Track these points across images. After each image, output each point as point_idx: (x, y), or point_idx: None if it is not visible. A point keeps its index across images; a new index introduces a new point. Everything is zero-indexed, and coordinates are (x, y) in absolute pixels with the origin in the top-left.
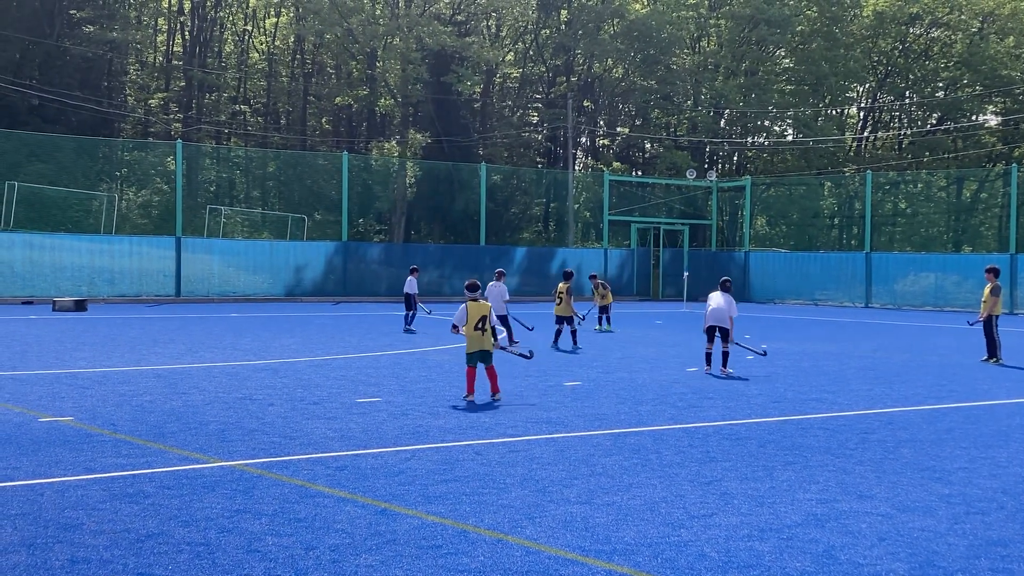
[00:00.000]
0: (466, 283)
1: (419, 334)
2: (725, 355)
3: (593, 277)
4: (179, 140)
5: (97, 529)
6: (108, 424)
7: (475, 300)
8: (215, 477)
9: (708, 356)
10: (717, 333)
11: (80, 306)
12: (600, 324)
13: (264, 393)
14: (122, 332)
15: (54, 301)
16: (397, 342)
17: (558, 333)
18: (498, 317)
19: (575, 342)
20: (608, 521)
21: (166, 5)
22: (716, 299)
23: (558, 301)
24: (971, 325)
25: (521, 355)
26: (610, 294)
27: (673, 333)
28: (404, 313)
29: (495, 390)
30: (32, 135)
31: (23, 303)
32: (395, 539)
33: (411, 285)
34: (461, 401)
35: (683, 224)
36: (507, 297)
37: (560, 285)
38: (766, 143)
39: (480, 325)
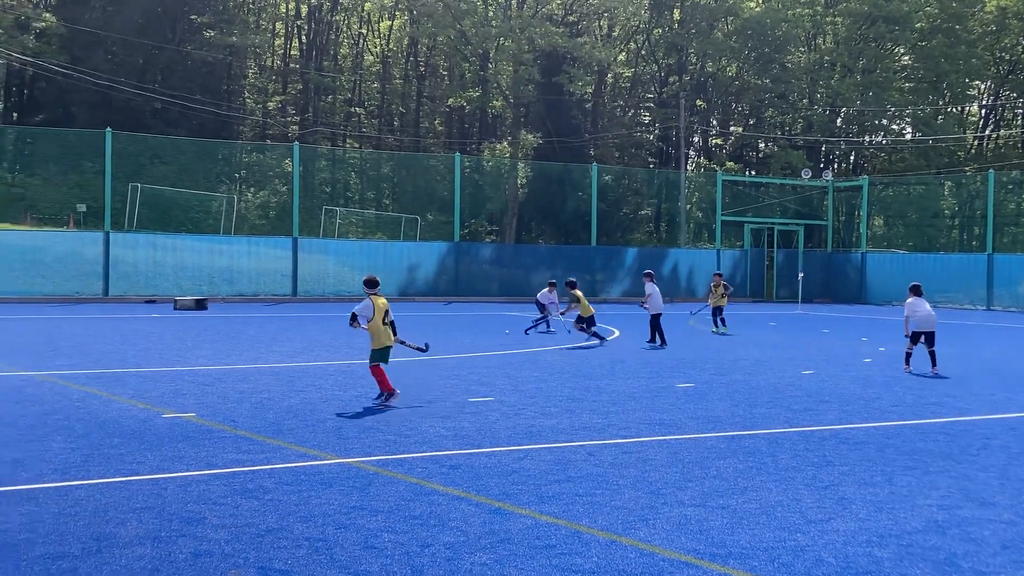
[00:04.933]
0: (364, 278)
1: (531, 336)
2: (934, 355)
3: (719, 276)
4: (296, 142)
5: (219, 523)
6: (228, 420)
7: (376, 295)
8: (332, 474)
9: (908, 356)
10: (923, 338)
11: (200, 305)
12: (716, 326)
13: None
14: (241, 330)
15: (176, 300)
16: (509, 342)
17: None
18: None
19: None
20: (723, 524)
21: (284, 10)
22: (923, 304)
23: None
24: None
25: (417, 348)
26: (726, 296)
27: (787, 335)
28: (538, 317)
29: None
30: (155, 138)
31: (146, 301)
32: (509, 538)
33: (545, 296)
34: (569, 402)
35: (798, 224)
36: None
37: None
38: (884, 142)
39: (386, 319)
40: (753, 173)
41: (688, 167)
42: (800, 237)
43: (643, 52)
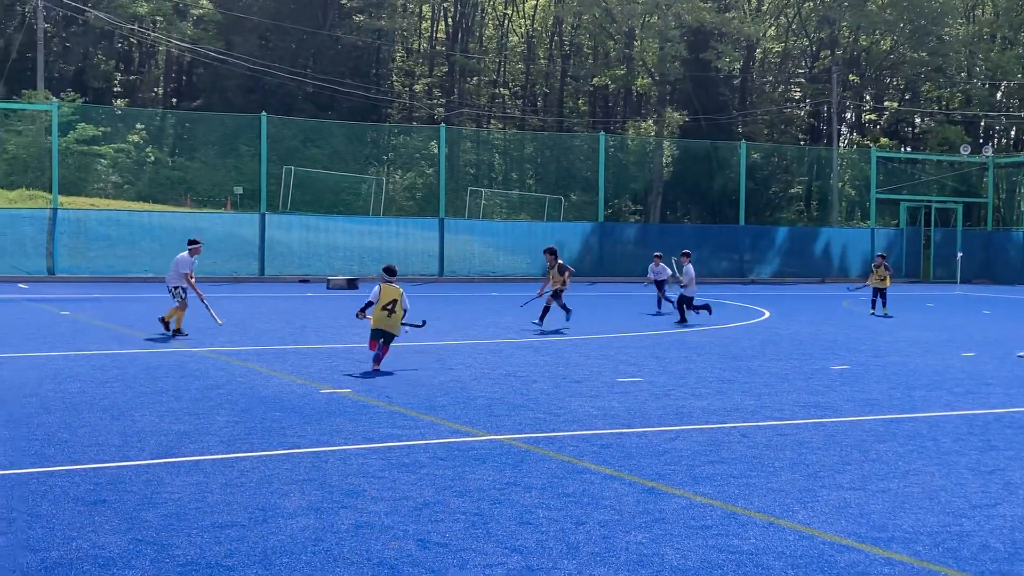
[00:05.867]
0: (384, 267)
1: (673, 315)
2: None
3: (882, 257)
4: (442, 124)
5: (378, 496)
6: (383, 396)
7: (389, 283)
8: (485, 450)
9: None
10: None
11: (352, 284)
12: (874, 307)
13: (527, 370)
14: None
15: (328, 279)
16: (655, 322)
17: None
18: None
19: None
20: (884, 508)
21: None
22: None
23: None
24: None
25: (415, 325)
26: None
27: (946, 316)
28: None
29: (377, 364)
30: (307, 121)
31: (300, 281)
32: (663, 518)
33: (654, 271)
34: (720, 383)
35: (956, 202)
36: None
37: None
38: None
39: (390, 307)
40: (909, 149)
41: (841, 144)
42: (959, 215)
43: (793, 26)
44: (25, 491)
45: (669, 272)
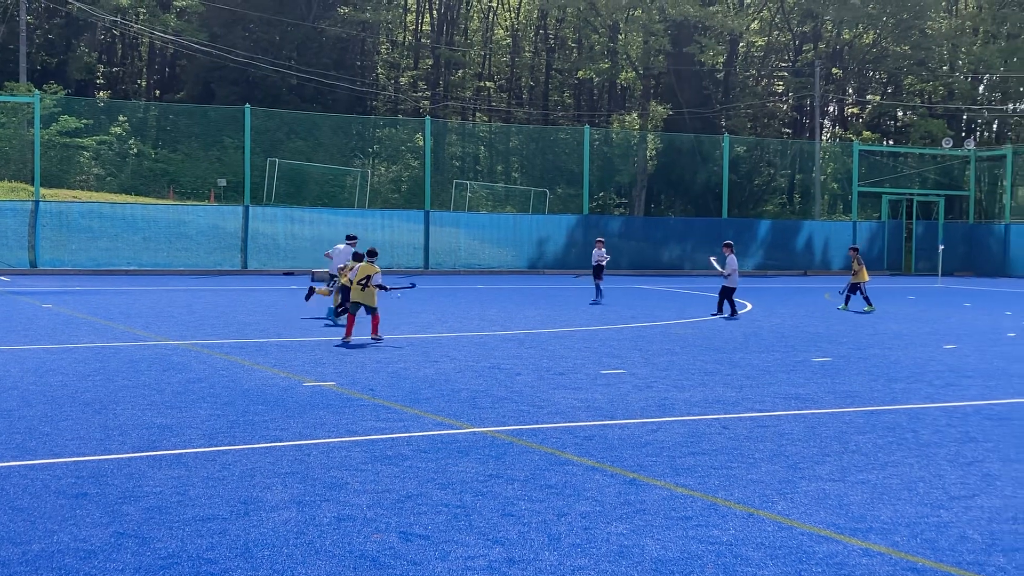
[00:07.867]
0: (368, 249)
1: (663, 308)
2: None
3: (854, 250)
4: (427, 117)
5: (360, 489)
6: (367, 389)
7: (370, 262)
8: (468, 442)
9: None
10: None
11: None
12: (846, 304)
13: (511, 363)
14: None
15: (313, 272)
16: (640, 314)
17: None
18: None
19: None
20: (863, 499)
21: None
22: None
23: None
24: None
25: (404, 288)
26: (864, 271)
27: (928, 309)
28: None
29: (375, 333)
30: (291, 113)
31: (284, 274)
32: (644, 509)
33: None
34: (702, 375)
35: (938, 195)
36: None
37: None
38: None
39: (364, 283)
40: (891, 143)
41: (823, 137)
42: (940, 208)
43: (777, 20)
44: (6, 484)
45: (608, 257)
